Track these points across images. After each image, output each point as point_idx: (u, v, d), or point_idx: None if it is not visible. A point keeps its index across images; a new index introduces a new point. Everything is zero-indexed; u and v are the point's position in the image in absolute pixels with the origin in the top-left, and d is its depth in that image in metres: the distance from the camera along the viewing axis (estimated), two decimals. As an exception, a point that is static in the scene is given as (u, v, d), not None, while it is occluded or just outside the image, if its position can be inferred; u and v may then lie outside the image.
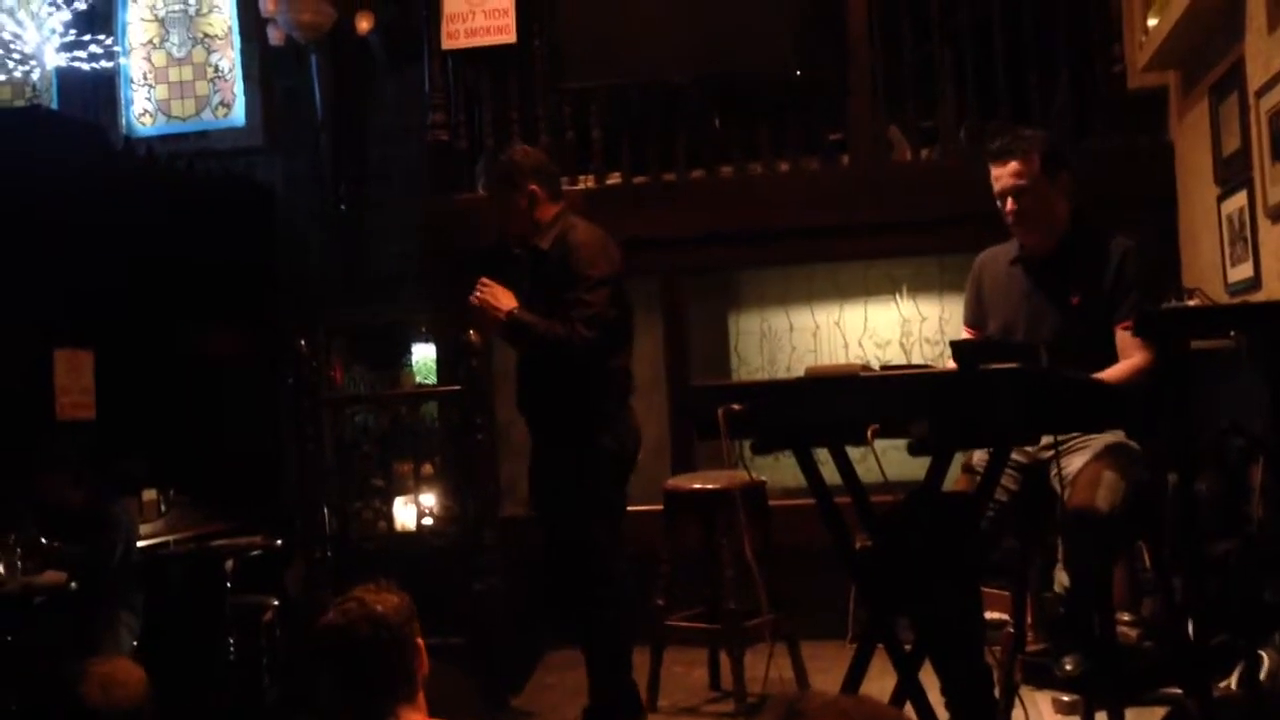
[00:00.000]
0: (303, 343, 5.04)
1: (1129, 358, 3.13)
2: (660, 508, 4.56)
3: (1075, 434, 3.06)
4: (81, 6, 7.18)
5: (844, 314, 5.82)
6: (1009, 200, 3.26)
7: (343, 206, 7.10)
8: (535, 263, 3.86)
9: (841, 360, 5.64)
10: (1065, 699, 3.78)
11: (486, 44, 5.76)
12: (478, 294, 3.76)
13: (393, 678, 2.14)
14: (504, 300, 3.74)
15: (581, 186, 5.71)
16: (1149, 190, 5.15)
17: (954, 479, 3.22)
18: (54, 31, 7.20)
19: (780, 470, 5.67)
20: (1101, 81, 5.43)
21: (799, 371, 3.10)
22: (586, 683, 3.97)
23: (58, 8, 7.19)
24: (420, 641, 2.21)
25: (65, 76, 7.36)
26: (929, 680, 2.86)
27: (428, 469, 5.72)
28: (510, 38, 5.74)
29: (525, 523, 5.68)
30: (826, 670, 4.52)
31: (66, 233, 5.10)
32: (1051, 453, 3.01)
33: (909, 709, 2.79)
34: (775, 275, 5.88)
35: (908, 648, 2.85)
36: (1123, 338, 3.15)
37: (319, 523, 4.95)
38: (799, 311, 5.87)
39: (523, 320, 3.72)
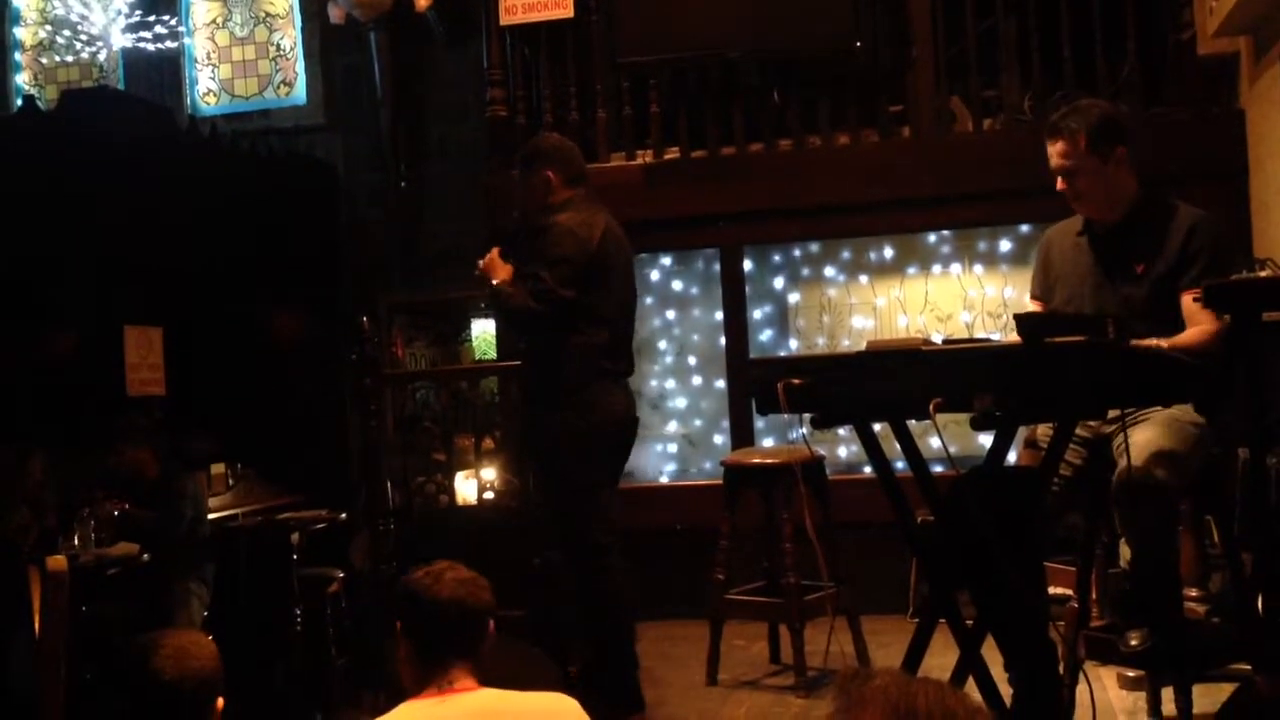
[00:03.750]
0: (365, 319, 5.10)
1: (1196, 325, 3.08)
2: (720, 482, 4.56)
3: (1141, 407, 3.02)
4: (146, -13, 7.28)
5: (905, 288, 5.77)
6: (1059, 180, 3.24)
7: (403, 183, 7.15)
8: (532, 240, 4.04)
9: (902, 334, 5.59)
10: (1130, 675, 3.74)
11: (544, 19, 5.77)
12: (482, 260, 4.00)
13: (464, 642, 2.23)
14: (500, 272, 3.97)
15: (639, 161, 5.71)
16: (1220, 160, 5.05)
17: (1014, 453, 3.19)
18: (120, 13, 7.30)
19: (839, 444, 5.65)
20: (1170, 49, 5.31)
21: (860, 346, 3.08)
22: (635, 654, 4.03)
23: (123, -11, 7.29)
24: (492, 624, 2.34)
25: (131, 57, 7.47)
26: (992, 656, 2.84)
27: (488, 443, 5.77)
28: (568, 12, 5.73)
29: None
30: (887, 645, 4.51)
31: (134, 211, 5.19)
32: (1115, 426, 2.97)
33: (971, 685, 2.78)
34: (835, 249, 5.85)
35: (970, 623, 2.84)
36: (1189, 305, 3.10)
37: (382, 496, 5.02)
38: (859, 285, 5.83)
39: (498, 290, 3.97)
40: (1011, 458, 3.08)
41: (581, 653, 4.24)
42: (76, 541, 4.29)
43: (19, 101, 7.27)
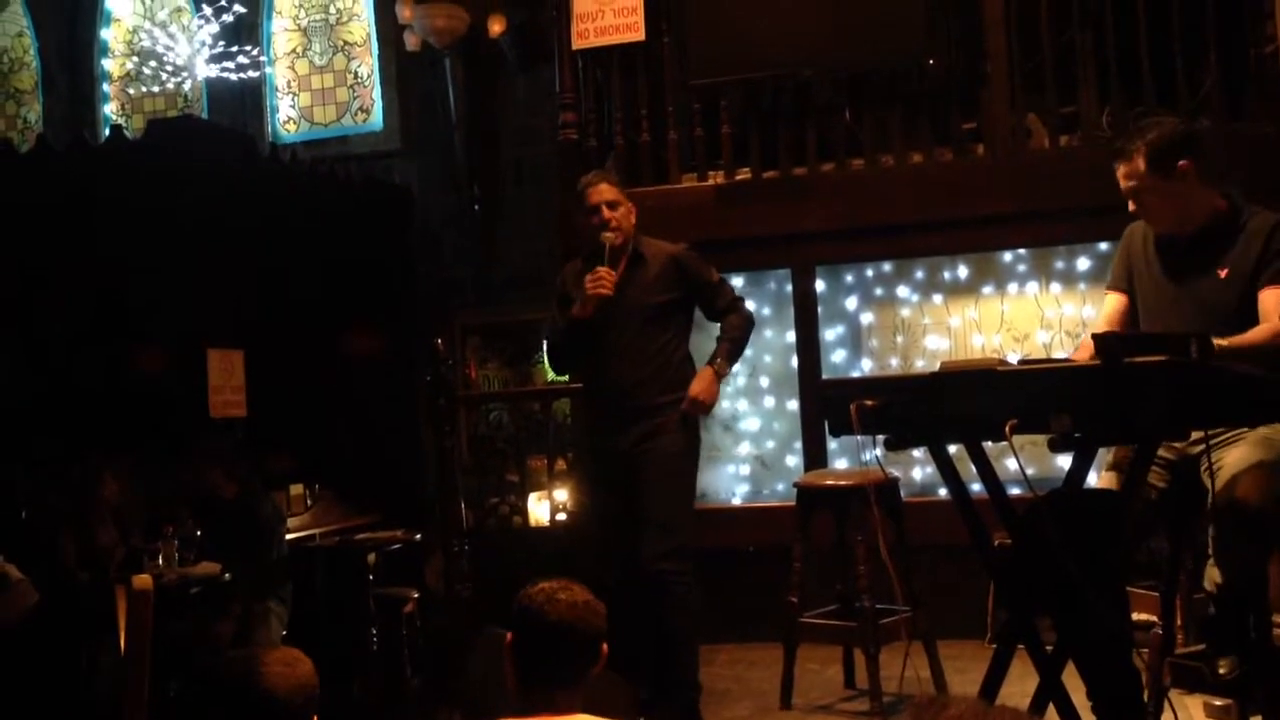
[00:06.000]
0: (439, 341, 5.16)
1: (1268, 321, 2.99)
2: (792, 504, 4.54)
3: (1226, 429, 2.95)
4: (229, 19, 7.47)
5: (980, 307, 5.70)
6: (1128, 201, 3.21)
7: (476, 206, 7.24)
8: (633, 265, 4.16)
9: (978, 355, 5.52)
10: (1218, 703, 3.64)
11: (616, 42, 5.80)
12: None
13: (569, 666, 2.25)
14: (712, 388, 4.12)
15: (711, 182, 5.71)
16: (1305, 174, 4.92)
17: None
18: (204, 44, 7.51)
19: (914, 466, 5.58)
20: (1252, 63, 5.20)
21: (934, 367, 3.05)
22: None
23: (207, 21, 7.49)
24: (605, 647, 2.32)
25: (214, 86, 7.67)
26: (1073, 683, 2.79)
27: (561, 465, 5.79)
28: (639, 36, 5.76)
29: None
30: (964, 670, 4.44)
31: (218, 236, 5.31)
32: (1201, 448, 2.90)
33: (1052, 713, 2.72)
34: (908, 268, 5.79)
35: (1050, 649, 2.79)
36: (1264, 300, 3.01)
37: (456, 517, 5.06)
38: (933, 305, 5.77)
39: (728, 362, 4.19)
40: (1093, 480, 3.02)
41: (651, 676, 4.22)
42: (161, 560, 4.39)
43: (107, 131, 7.50)
